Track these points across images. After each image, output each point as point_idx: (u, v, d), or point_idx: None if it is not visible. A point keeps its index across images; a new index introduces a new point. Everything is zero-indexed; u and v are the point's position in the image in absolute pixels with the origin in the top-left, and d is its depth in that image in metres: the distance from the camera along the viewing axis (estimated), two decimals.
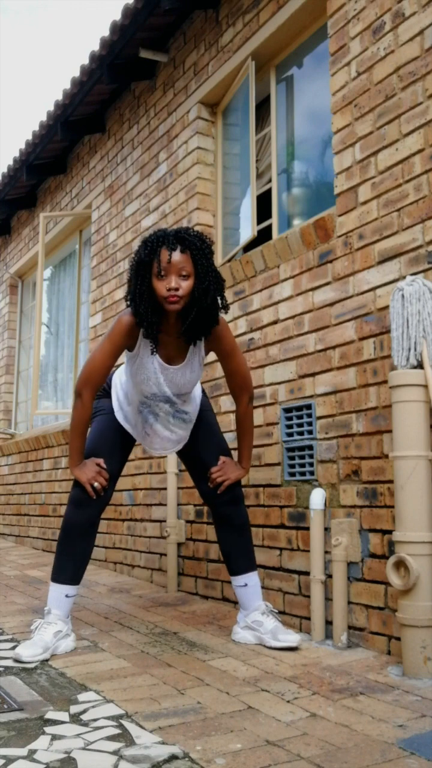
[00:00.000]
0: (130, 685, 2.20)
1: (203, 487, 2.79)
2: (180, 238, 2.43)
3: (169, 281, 2.40)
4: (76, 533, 2.65)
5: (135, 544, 4.31)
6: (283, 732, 1.80)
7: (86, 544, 2.67)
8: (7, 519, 6.70)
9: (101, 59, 4.51)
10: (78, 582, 2.67)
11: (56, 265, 6.58)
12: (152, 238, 2.45)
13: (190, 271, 2.42)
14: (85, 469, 2.63)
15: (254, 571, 2.75)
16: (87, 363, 2.61)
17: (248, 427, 2.78)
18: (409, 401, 2.32)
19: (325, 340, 2.93)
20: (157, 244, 2.42)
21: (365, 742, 1.73)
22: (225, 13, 3.90)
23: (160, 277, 2.41)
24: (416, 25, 2.62)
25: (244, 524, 2.77)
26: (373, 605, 2.56)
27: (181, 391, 2.68)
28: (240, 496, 2.77)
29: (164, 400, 2.67)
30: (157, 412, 2.71)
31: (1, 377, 7.32)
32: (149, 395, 2.66)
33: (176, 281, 2.40)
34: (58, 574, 2.65)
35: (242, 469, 2.77)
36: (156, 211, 4.43)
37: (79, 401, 2.60)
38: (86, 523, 2.65)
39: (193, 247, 2.43)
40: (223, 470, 2.73)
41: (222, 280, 2.52)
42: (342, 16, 2.99)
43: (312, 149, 3.56)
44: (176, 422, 2.75)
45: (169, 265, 2.39)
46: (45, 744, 1.72)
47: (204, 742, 1.73)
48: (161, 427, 2.74)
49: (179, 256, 2.40)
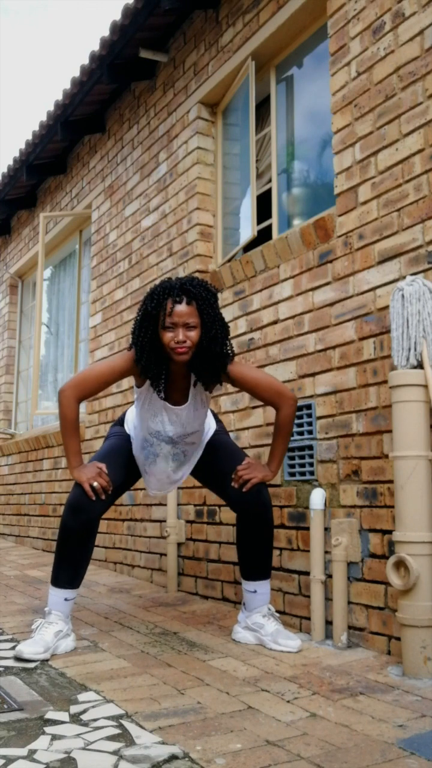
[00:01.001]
0: (130, 685, 2.20)
1: (229, 491, 2.66)
2: (185, 290, 2.45)
3: (176, 334, 2.43)
4: (73, 539, 2.59)
5: (135, 544, 4.31)
6: (283, 732, 1.80)
7: (84, 550, 2.62)
8: (7, 519, 6.70)
9: (101, 59, 4.51)
10: (77, 586, 2.66)
11: (56, 265, 6.57)
12: (158, 290, 2.48)
13: (196, 323, 2.45)
14: (84, 469, 2.60)
15: (268, 579, 2.71)
16: (85, 370, 2.64)
17: (287, 433, 2.68)
18: (409, 401, 2.32)
19: (325, 340, 2.93)
20: (163, 296, 2.45)
21: (365, 742, 1.73)
22: (225, 13, 3.90)
23: (166, 328, 2.44)
24: (416, 25, 2.62)
25: (270, 532, 2.67)
26: (373, 605, 2.56)
27: (186, 431, 2.66)
28: (268, 502, 2.66)
29: (167, 440, 2.68)
30: (158, 452, 2.72)
31: (1, 377, 7.32)
32: (153, 432, 2.67)
33: (183, 333, 2.43)
34: (57, 579, 2.63)
35: (269, 471, 2.67)
36: (156, 211, 4.43)
37: (62, 398, 2.57)
38: (83, 528, 2.57)
39: (199, 298, 2.46)
40: (249, 469, 2.64)
41: (227, 326, 2.56)
42: (342, 16, 2.99)
43: (312, 149, 3.57)
44: (173, 465, 2.77)
45: (175, 318, 2.43)
46: (45, 744, 1.72)
47: (204, 742, 1.73)
48: (159, 468, 2.77)
49: (185, 308, 2.43)
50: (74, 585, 2.64)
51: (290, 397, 2.64)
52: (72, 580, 2.63)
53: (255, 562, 2.68)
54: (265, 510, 2.64)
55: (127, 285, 4.73)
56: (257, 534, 2.65)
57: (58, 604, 2.62)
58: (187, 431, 2.67)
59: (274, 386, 2.65)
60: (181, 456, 2.76)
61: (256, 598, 2.70)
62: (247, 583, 2.71)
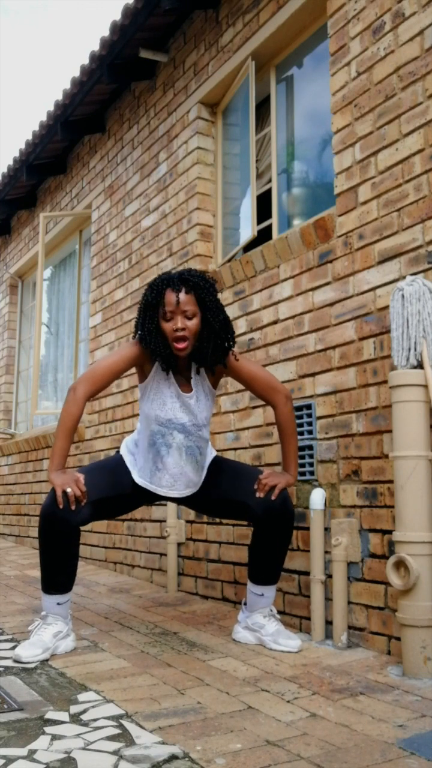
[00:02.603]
0: (130, 685, 2.20)
1: (252, 503, 2.57)
2: (183, 279, 2.49)
3: (175, 322, 2.46)
4: (50, 547, 2.51)
5: (135, 544, 4.31)
6: (283, 732, 1.80)
7: (65, 557, 2.53)
8: (7, 519, 6.70)
9: (101, 59, 4.51)
10: (68, 590, 2.60)
11: (56, 265, 6.58)
12: (157, 281, 2.52)
13: (194, 312, 2.48)
14: (62, 475, 2.48)
15: (275, 584, 2.70)
16: (96, 363, 2.62)
17: (291, 431, 2.65)
18: (409, 401, 2.32)
19: (325, 340, 2.93)
20: (162, 287, 2.49)
21: (365, 742, 1.73)
22: (225, 13, 3.90)
23: (166, 319, 2.48)
24: (416, 25, 2.62)
25: (289, 540, 2.63)
26: (373, 605, 2.56)
27: (197, 421, 2.61)
28: (293, 512, 2.60)
29: (180, 428, 2.60)
30: (171, 443, 2.60)
31: (1, 377, 7.32)
32: (164, 421, 2.59)
33: (182, 321, 2.46)
34: (46, 586, 2.58)
35: (289, 476, 2.63)
36: (156, 211, 4.43)
37: (71, 395, 2.53)
38: (58, 537, 2.48)
39: (197, 287, 2.48)
40: (271, 477, 2.57)
41: (227, 315, 2.57)
42: (342, 16, 2.99)
43: (312, 149, 3.56)
44: (188, 459, 2.63)
45: (174, 307, 2.46)
46: (45, 744, 1.72)
47: (204, 742, 1.73)
48: (172, 461, 2.61)
49: (184, 297, 2.46)
50: (64, 590, 2.58)
51: (283, 393, 2.65)
52: (60, 586, 2.57)
53: (269, 568, 2.65)
54: (291, 518, 2.60)
55: (127, 285, 4.73)
56: (278, 541, 2.60)
57: (51, 608, 2.60)
58: (198, 422, 2.62)
59: (269, 381, 2.67)
60: (195, 451, 2.63)
61: (261, 601, 2.68)
62: (255, 586, 2.68)
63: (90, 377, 2.57)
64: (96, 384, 2.57)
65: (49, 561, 2.54)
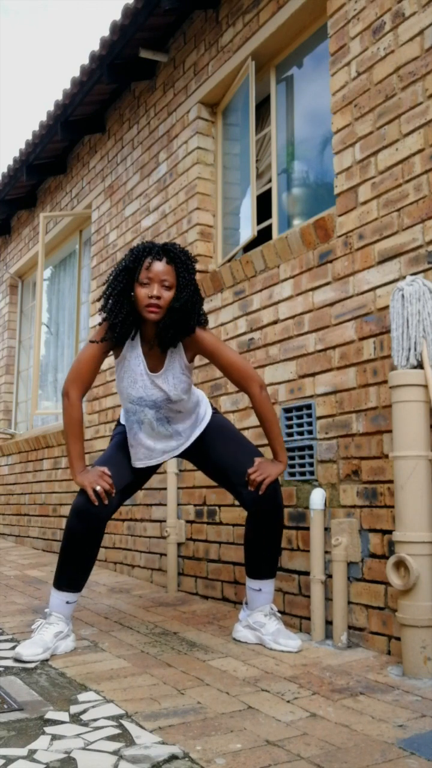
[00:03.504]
0: (130, 685, 2.20)
1: (245, 494, 2.64)
2: (166, 250, 2.52)
3: (151, 289, 2.47)
4: (78, 543, 2.59)
5: (135, 544, 4.31)
6: (283, 732, 1.80)
7: (89, 554, 2.62)
8: (7, 519, 6.70)
9: (101, 59, 4.51)
10: (80, 589, 2.65)
11: (56, 265, 6.57)
12: (139, 248, 2.53)
13: (172, 283, 2.50)
14: (87, 474, 2.58)
15: (273, 578, 2.71)
16: (74, 363, 2.65)
17: (271, 418, 2.65)
18: (409, 401, 2.32)
19: (325, 340, 2.93)
20: (144, 254, 2.51)
21: (365, 742, 1.73)
22: (225, 13, 3.90)
23: (142, 284, 2.48)
24: (416, 25, 2.62)
25: (280, 532, 2.67)
26: (373, 605, 2.56)
27: (170, 396, 2.62)
28: (282, 504, 2.65)
29: (150, 405, 2.65)
30: (142, 419, 2.68)
31: (1, 377, 7.32)
32: (135, 399, 2.64)
33: (158, 290, 2.47)
34: (60, 582, 2.62)
35: (280, 463, 2.65)
36: (156, 211, 4.43)
37: (66, 400, 2.61)
38: (88, 533, 2.57)
39: (178, 260, 2.51)
40: (260, 470, 2.60)
41: (201, 297, 2.58)
42: (342, 16, 2.99)
43: (312, 149, 3.56)
44: (160, 430, 2.69)
45: (152, 274, 2.47)
46: (45, 744, 1.72)
47: (204, 742, 1.73)
48: (144, 435, 2.70)
49: (164, 267, 2.48)
50: (77, 588, 2.63)
51: (258, 383, 2.64)
52: (75, 583, 2.63)
53: (263, 561, 2.67)
54: (279, 511, 2.64)
55: None
56: (269, 534, 2.64)
57: (59, 606, 2.62)
58: (171, 397, 2.63)
59: (246, 369, 2.65)
60: (164, 422, 2.69)
61: (260, 597, 2.69)
62: (252, 581, 2.71)
63: (76, 377, 2.62)
64: (84, 382, 2.63)
65: (72, 557, 2.60)
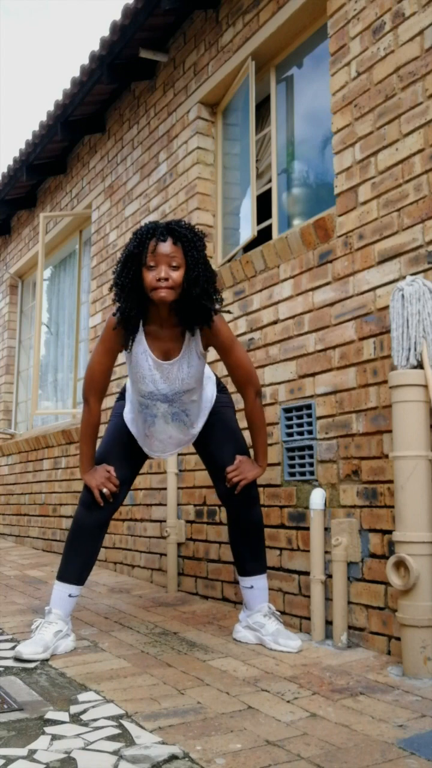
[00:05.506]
0: (130, 685, 2.20)
1: (220, 488, 2.73)
2: (170, 229, 2.42)
3: (158, 271, 2.38)
4: (85, 534, 2.67)
5: (135, 544, 4.31)
6: (283, 732, 1.80)
7: (94, 546, 2.69)
8: (7, 519, 6.70)
9: (101, 59, 4.51)
10: (82, 583, 2.68)
11: (56, 265, 6.57)
12: (143, 230, 2.44)
13: (180, 262, 2.41)
14: (95, 474, 2.64)
15: (263, 574, 2.73)
16: (87, 367, 2.65)
17: (260, 424, 2.70)
18: (409, 401, 2.32)
19: (325, 340, 2.93)
20: (147, 236, 2.41)
21: (365, 742, 1.73)
22: (225, 13, 3.90)
23: (149, 267, 2.40)
24: (416, 25, 2.62)
25: (258, 526, 2.72)
26: (373, 605, 2.56)
27: (183, 388, 2.61)
28: (255, 497, 2.72)
29: (162, 399, 2.63)
30: (155, 413, 2.67)
31: (1, 377, 7.32)
32: (146, 394, 2.63)
33: (166, 271, 2.38)
34: (64, 573, 2.66)
35: (259, 467, 2.69)
36: (156, 211, 4.43)
37: (86, 407, 2.65)
38: (95, 525, 2.66)
39: (184, 238, 2.41)
40: (239, 470, 2.64)
41: (213, 272, 2.49)
42: (342, 16, 2.99)
43: (312, 149, 3.56)
44: (175, 424, 2.71)
45: (158, 256, 2.39)
46: (45, 744, 1.72)
47: (204, 742, 1.73)
48: (159, 429, 2.71)
49: (170, 247, 2.39)
50: (80, 581, 2.67)
51: (255, 389, 2.66)
52: (79, 575, 2.67)
53: (248, 557, 2.72)
54: (252, 505, 2.71)
55: None
56: (246, 531, 2.71)
57: (61, 599, 2.63)
58: (184, 388, 2.61)
59: (249, 374, 2.66)
60: (182, 416, 2.69)
61: (254, 595, 2.70)
62: (243, 579, 2.74)
63: (91, 385, 2.64)
64: (100, 388, 2.66)
65: (78, 549, 2.66)
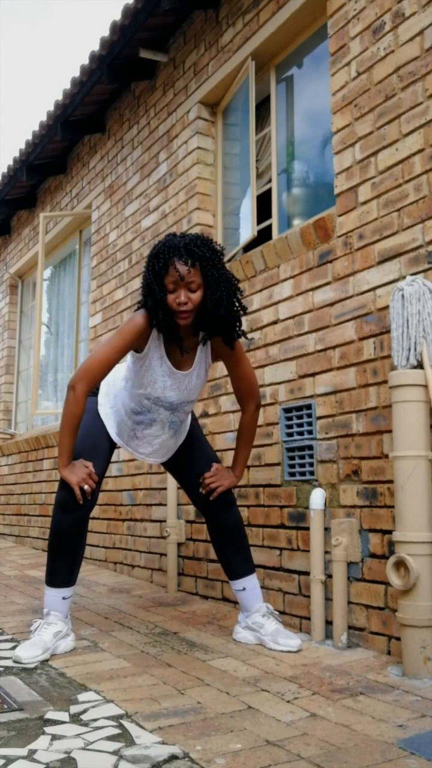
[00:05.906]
0: (130, 685, 2.20)
1: (195, 494, 2.79)
2: (189, 251, 2.43)
3: (178, 295, 2.43)
4: (66, 537, 2.60)
5: (135, 544, 4.31)
6: (283, 732, 1.80)
7: (77, 546, 2.64)
8: (7, 519, 6.70)
9: (101, 59, 4.51)
10: (73, 583, 2.65)
11: (56, 265, 6.57)
12: (163, 250, 2.45)
13: (199, 284, 2.44)
14: (75, 470, 2.56)
15: (252, 574, 2.75)
16: (90, 356, 2.56)
17: (251, 437, 2.78)
18: (409, 401, 2.32)
19: (325, 340, 2.93)
20: (169, 257, 2.43)
21: (365, 742, 1.73)
22: (225, 13, 3.90)
23: (170, 291, 2.45)
24: (416, 25, 2.62)
25: (238, 527, 2.77)
26: (373, 605, 2.56)
27: (188, 398, 2.67)
28: (231, 500, 2.77)
29: (167, 406, 2.66)
30: (155, 418, 2.69)
31: (1, 377, 7.32)
32: (153, 399, 2.64)
33: (185, 295, 2.43)
34: (53, 579, 2.62)
35: (234, 477, 2.77)
36: (156, 211, 4.43)
37: (71, 394, 2.53)
38: (74, 526, 2.60)
39: (203, 259, 2.43)
40: (216, 477, 2.73)
41: (236, 287, 2.53)
42: (342, 16, 2.99)
43: (312, 149, 3.56)
44: (170, 432, 2.76)
45: (178, 280, 2.42)
46: (45, 744, 1.72)
47: (204, 742, 1.73)
48: (153, 433, 2.73)
49: (188, 271, 2.41)
50: (70, 583, 2.64)
51: (256, 403, 2.75)
52: (68, 578, 2.63)
53: (234, 560, 2.75)
54: (229, 507, 2.76)
55: (127, 285, 4.73)
56: (227, 532, 2.76)
57: (56, 603, 2.62)
58: (189, 398, 2.68)
59: (253, 387, 2.75)
60: (178, 424, 2.76)
61: (248, 596, 2.71)
62: (233, 582, 2.76)
63: (87, 374, 2.53)
64: (94, 380, 2.55)
65: (62, 552, 2.62)
